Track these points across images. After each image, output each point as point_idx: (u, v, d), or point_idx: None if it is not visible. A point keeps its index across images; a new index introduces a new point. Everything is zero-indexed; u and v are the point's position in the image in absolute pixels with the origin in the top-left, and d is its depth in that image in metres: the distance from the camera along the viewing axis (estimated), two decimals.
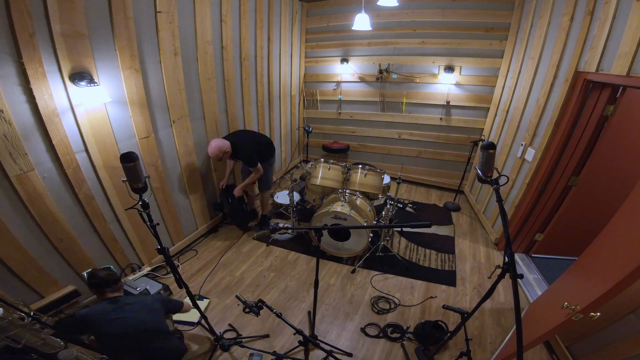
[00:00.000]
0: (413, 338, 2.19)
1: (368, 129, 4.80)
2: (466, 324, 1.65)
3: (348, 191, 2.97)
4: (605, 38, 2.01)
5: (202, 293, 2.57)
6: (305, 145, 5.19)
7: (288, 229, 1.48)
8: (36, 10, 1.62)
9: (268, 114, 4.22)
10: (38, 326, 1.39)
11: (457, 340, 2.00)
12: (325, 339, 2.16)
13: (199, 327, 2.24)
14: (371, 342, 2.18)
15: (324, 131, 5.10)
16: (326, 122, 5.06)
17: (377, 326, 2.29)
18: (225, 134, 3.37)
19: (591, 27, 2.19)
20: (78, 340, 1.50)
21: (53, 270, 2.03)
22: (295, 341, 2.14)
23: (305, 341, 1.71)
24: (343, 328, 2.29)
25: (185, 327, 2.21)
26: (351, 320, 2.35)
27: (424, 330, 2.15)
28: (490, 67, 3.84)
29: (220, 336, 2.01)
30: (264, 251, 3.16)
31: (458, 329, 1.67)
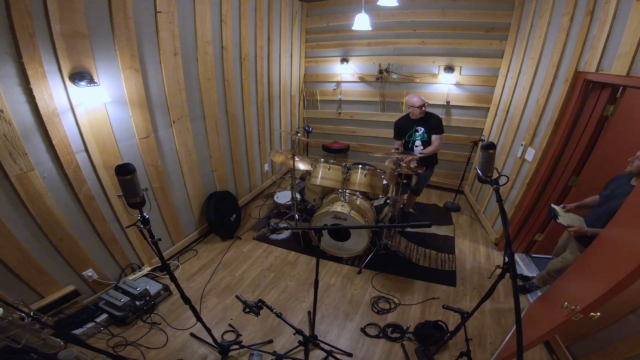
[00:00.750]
0: (413, 338, 2.19)
1: (368, 129, 4.80)
2: (466, 324, 1.64)
3: (348, 191, 2.97)
4: (605, 38, 2.01)
5: (203, 293, 2.57)
6: (305, 145, 5.19)
7: (288, 229, 1.47)
8: (36, 10, 1.62)
9: (268, 114, 4.22)
10: (38, 326, 1.39)
11: (457, 340, 2.00)
12: (325, 339, 2.16)
13: (198, 329, 2.23)
14: (371, 342, 2.18)
15: (324, 131, 5.10)
16: (326, 122, 5.06)
17: (377, 326, 2.29)
18: (225, 134, 3.38)
19: (591, 27, 2.19)
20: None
21: (53, 270, 2.03)
22: (295, 341, 2.14)
23: (305, 341, 1.71)
24: (343, 328, 2.29)
25: None
26: (351, 320, 2.35)
27: (424, 330, 2.15)
28: (490, 67, 3.84)
29: (222, 344, 2.01)
30: (264, 251, 3.15)
31: (458, 329, 1.67)
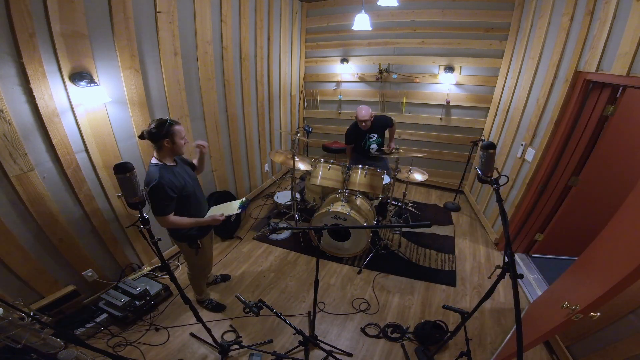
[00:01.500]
0: (413, 338, 2.19)
1: None
2: (466, 324, 1.65)
3: (348, 191, 2.97)
4: (605, 38, 2.01)
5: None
6: (305, 145, 5.19)
7: (288, 229, 1.47)
8: (36, 10, 1.62)
9: (268, 114, 4.22)
10: (38, 326, 1.39)
11: (457, 340, 2.00)
12: (325, 339, 2.16)
13: (198, 329, 2.23)
14: (371, 342, 2.18)
15: (324, 131, 5.10)
16: (326, 122, 5.06)
17: (377, 326, 2.29)
18: (225, 134, 3.38)
19: (591, 27, 2.19)
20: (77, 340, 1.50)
21: (53, 270, 2.03)
22: (295, 341, 2.14)
23: (305, 341, 1.71)
24: (343, 328, 2.29)
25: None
26: (351, 320, 2.35)
27: (424, 330, 2.15)
28: (490, 67, 3.84)
29: (222, 344, 2.01)
30: (264, 251, 3.15)
31: (458, 329, 1.67)
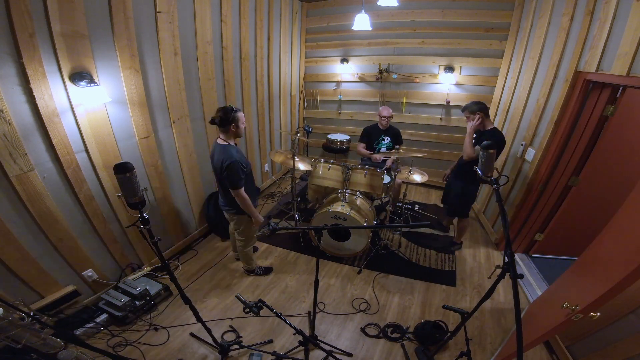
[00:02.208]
0: (413, 338, 2.19)
1: None
2: (466, 324, 1.65)
3: (348, 191, 2.97)
4: (605, 38, 2.01)
5: (203, 293, 2.57)
6: (305, 145, 5.19)
7: (288, 229, 1.47)
8: (36, 10, 1.62)
9: (268, 114, 4.22)
10: (38, 326, 1.39)
11: (457, 340, 2.00)
12: (325, 339, 2.16)
13: (198, 329, 2.23)
14: (371, 342, 2.17)
15: (324, 131, 5.10)
16: (326, 122, 5.06)
17: (377, 326, 2.29)
18: None
19: (591, 27, 2.19)
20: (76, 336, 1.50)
21: (53, 270, 2.03)
22: (295, 341, 2.14)
23: (305, 341, 1.71)
24: (343, 328, 2.29)
25: None
26: (351, 320, 2.35)
27: (424, 330, 2.15)
28: (490, 67, 3.84)
29: (222, 344, 2.01)
30: (264, 251, 3.15)
31: (458, 329, 1.67)
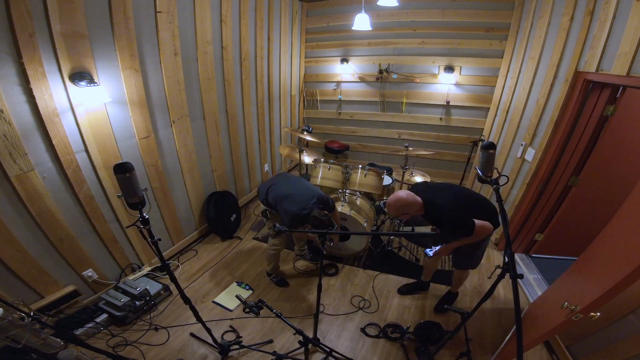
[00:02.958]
0: (413, 338, 2.19)
1: (368, 129, 4.81)
2: (466, 324, 1.64)
3: (348, 191, 2.97)
4: (605, 38, 2.01)
5: (203, 293, 2.57)
6: (306, 144, 5.19)
7: (291, 231, 1.47)
8: (36, 10, 1.62)
9: (268, 114, 4.22)
10: (38, 326, 1.39)
11: (457, 340, 2.00)
12: (325, 339, 2.16)
13: (198, 329, 2.23)
14: (371, 342, 2.17)
15: (324, 131, 5.10)
16: (326, 122, 5.06)
17: (377, 326, 2.29)
18: (225, 134, 3.37)
19: (591, 27, 2.19)
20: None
21: (53, 270, 2.03)
22: (295, 341, 2.14)
23: (305, 341, 1.71)
24: (343, 328, 2.29)
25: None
26: (351, 321, 2.35)
27: (424, 330, 2.15)
28: (490, 67, 3.84)
29: (222, 344, 2.01)
30: (264, 251, 3.15)
31: (458, 329, 1.67)
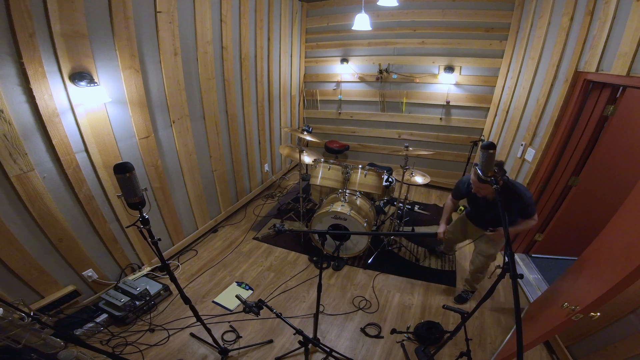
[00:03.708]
0: (413, 338, 2.19)
1: (368, 129, 4.80)
2: (466, 324, 1.64)
3: (348, 191, 2.97)
4: (605, 38, 2.01)
5: (203, 293, 2.57)
6: (306, 144, 5.19)
7: (293, 231, 1.47)
8: (36, 10, 1.62)
9: (268, 114, 4.22)
10: (38, 326, 1.39)
11: (457, 340, 2.00)
12: (325, 339, 2.16)
13: (198, 329, 2.24)
14: (371, 342, 2.18)
15: (324, 131, 5.10)
16: (326, 122, 5.06)
17: (377, 326, 2.29)
18: (225, 134, 3.37)
19: (591, 27, 2.19)
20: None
21: (53, 270, 2.03)
22: (295, 341, 2.14)
23: (305, 341, 1.71)
24: (343, 328, 2.29)
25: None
26: (351, 320, 2.35)
27: (423, 330, 2.15)
28: (490, 67, 3.84)
29: (223, 348, 2.02)
30: (264, 251, 3.16)
31: (458, 329, 1.67)
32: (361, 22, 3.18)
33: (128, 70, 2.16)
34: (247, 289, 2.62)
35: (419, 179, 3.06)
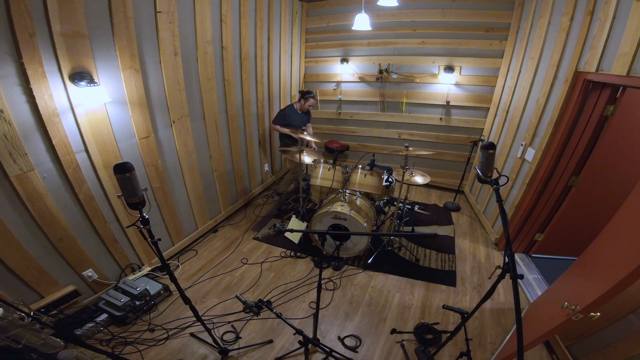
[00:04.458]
0: (413, 338, 2.19)
1: (368, 129, 4.80)
2: (466, 324, 1.65)
3: (348, 191, 2.97)
4: (605, 38, 2.01)
5: (203, 293, 2.57)
6: (306, 145, 5.18)
7: (294, 231, 1.47)
8: (36, 10, 1.62)
9: (268, 114, 4.22)
10: (38, 326, 1.39)
11: (457, 340, 2.00)
12: (325, 339, 2.16)
13: (198, 329, 2.24)
14: (371, 342, 2.17)
15: (324, 131, 5.11)
16: (326, 122, 5.06)
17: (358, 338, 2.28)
18: (225, 134, 3.38)
19: (591, 27, 2.19)
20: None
21: (53, 270, 2.03)
22: (295, 341, 2.14)
23: (305, 341, 1.71)
24: (343, 328, 2.29)
25: None
26: (351, 320, 2.35)
27: (424, 331, 2.15)
28: (490, 67, 3.84)
29: (223, 348, 2.02)
30: (264, 251, 3.15)
31: (458, 329, 1.67)
32: (361, 22, 3.18)
33: (128, 70, 2.16)
34: (304, 222, 3.26)
35: (419, 179, 3.06)
